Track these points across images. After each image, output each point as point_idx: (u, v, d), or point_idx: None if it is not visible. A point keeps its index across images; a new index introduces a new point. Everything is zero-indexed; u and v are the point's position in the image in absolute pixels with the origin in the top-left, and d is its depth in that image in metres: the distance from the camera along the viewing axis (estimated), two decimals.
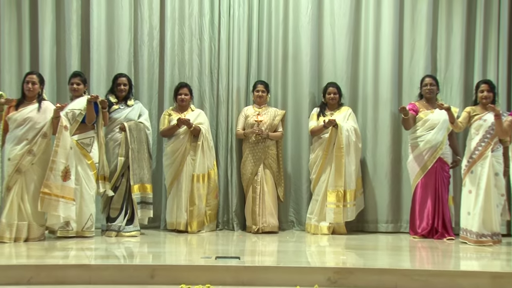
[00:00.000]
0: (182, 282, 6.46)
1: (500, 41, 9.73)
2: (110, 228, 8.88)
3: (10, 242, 8.06)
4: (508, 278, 6.73)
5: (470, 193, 8.57)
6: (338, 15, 9.92)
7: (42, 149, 8.25)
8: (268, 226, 9.32)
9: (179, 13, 9.87)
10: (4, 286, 6.49)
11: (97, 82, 9.62)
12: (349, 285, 6.56)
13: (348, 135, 9.23)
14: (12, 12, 9.72)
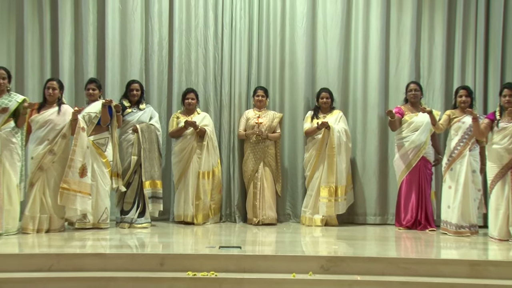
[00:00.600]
0: (189, 270, 6.50)
1: (477, 51, 9.75)
2: (123, 220, 8.91)
3: (33, 233, 8.12)
4: (484, 265, 6.77)
5: (450, 188, 8.63)
6: (330, 27, 9.94)
7: (61, 148, 8.29)
8: (267, 218, 9.34)
9: (186, 25, 9.88)
10: (28, 273, 6.52)
11: (111, 87, 9.65)
12: (340, 272, 6.59)
13: (339, 136, 9.25)
14: (35, 25, 9.71)
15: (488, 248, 7.79)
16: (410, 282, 6.46)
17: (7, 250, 7.17)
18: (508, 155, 8.14)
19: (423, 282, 6.46)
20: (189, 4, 9.88)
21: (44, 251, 7.17)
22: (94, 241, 7.82)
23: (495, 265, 6.84)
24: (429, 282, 6.46)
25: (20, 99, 8.19)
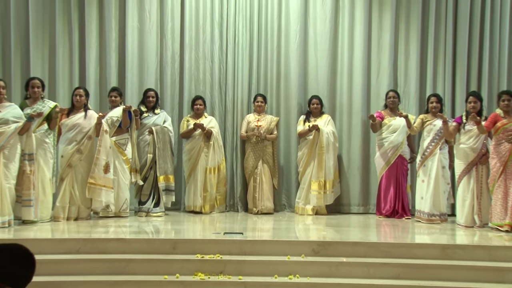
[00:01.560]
0: (197, 253, 6.52)
1: (446, 63, 9.78)
2: (141, 210, 8.92)
3: (63, 220, 8.16)
4: (453, 249, 6.81)
5: (423, 182, 8.68)
6: (320, 43, 9.92)
7: (87, 148, 8.32)
8: (266, 208, 9.35)
9: (195, 41, 9.87)
10: (59, 255, 6.56)
11: (130, 95, 9.64)
12: (328, 254, 6.63)
13: (328, 137, 9.25)
14: (65, 41, 9.70)
15: (456, 234, 7.81)
16: (389, 263, 6.49)
17: (41, 235, 7.22)
18: (473, 153, 8.19)
19: (400, 263, 6.49)
20: (198, 22, 9.88)
21: (73, 236, 7.21)
22: (116, 227, 7.86)
23: (462, 248, 6.89)
24: (405, 263, 6.49)
25: (52, 105, 8.20)
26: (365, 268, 6.42)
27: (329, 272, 6.38)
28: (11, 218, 7.70)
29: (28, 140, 7.89)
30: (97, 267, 6.38)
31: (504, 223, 7.83)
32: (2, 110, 7.67)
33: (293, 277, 6.25)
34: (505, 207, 7.88)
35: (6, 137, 7.62)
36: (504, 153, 7.92)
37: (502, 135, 7.95)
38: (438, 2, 9.82)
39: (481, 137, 8.17)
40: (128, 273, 6.32)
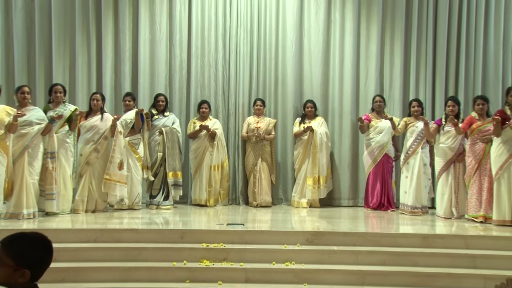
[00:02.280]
0: (203, 242, 6.53)
1: (427, 72, 9.77)
2: (152, 203, 8.94)
3: (82, 212, 8.20)
4: (433, 238, 6.84)
5: (407, 178, 8.70)
6: (313, 52, 9.92)
7: (104, 147, 8.35)
8: (264, 202, 9.34)
9: (201, 50, 9.86)
10: (78, 243, 6.57)
11: (142, 99, 9.64)
12: (321, 243, 6.63)
13: (321, 137, 9.26)
14: (84, 51, 9.73)
15: (435, 224, 7.83)
16: (376, 251, 6.50)
17: (63, 226, 7.26)
18: (451, 152, 8.23)
19: (386, 251, 6.50)
20: (203, 34, 9.87)
21: (91, 227, 7.22)
22: (129, 219, 7.87)
23: (441, 237, 6.93)
24: (390, 251, 6.50)
25: (72, 108, 8.22)
26: (354, 255, 6.44)
27: (321, 259, 6.39)
28: (35, 210, 7.71)
29: (50, 140, 7.90)
30: (113, 255, 6.40)
31: (479, 215, 7.87)
32: (26, 113, 7.65)
33: (289, 264, 6.26)
34: (479, 201, 7.91)
35: (30, 137, 7.64)
36: (479, 152, 7.94)
37: (477, 136, 7.97)
38: (419, 17, 9.83)
39: (458, 137, 8.21)
40: (141, 260, 6.34)
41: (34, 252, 2.50)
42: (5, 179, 7.42)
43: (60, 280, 5.98)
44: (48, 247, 2.56)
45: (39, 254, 2.51)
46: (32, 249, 2.51)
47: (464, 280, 6.14)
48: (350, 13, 9.90)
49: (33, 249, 2.51)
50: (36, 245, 2.53)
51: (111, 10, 9.84)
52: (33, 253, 2.50)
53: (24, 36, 9.75)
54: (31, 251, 2.50)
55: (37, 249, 2.51)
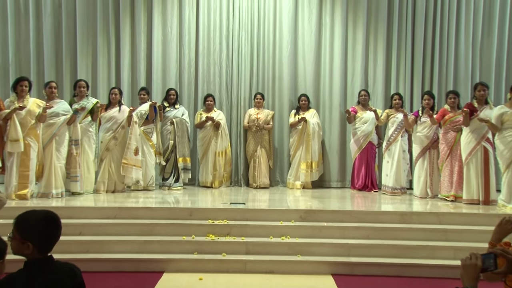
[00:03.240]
0: (209, 218, 6.57)
1: (406, 70, 9.76)
2: (164, 185, 8.95)
3: (103, 193, 8.25)
4: (410, 215, 6.87)
5: (388, 162, 8.74)
6: (306, 52, 9.88)
7: (121, 136, 8.36)
8: (263, 183, 9.35)
9: (207, 50, 9.82)
10: (100, 220, 6.60)
11: (155, 93, 9.62)
12: (313, 220, 6.68)
13: (314, 127, 9.25)
14: (104, 51, 9.72)
15: (412, 203, 7.84)
16: (361, 227, 6.54)
17: (86, 204, 7.29)
18: (427, 140, 8.26)
19: (369, 227, 6.55)
20: (209, 35, 9.83)
21: (110, 205, 7.23)
22: (144, 198, 7.90)
23: (417, 214, 6.95)
24: (373, 227, 6.55)
25: (94, 101, 8.23)
26: (342, 230, 6.49)
27: (313, 234, 6.44)
28: (63, 190, 7.76)
29: (75, 129, 7.94)
30: (130, 230, 6.44)
31: (450, 195, 7.95)
32: (54, 105, 7.69)
33: (284, 238, 6.29)
34: (451, 182, 7.98)
35: (57, 127, 7.68)
36: (450, 139, 7.98)
37: (449, 126, 8.00)
38: (399, 22, 9.80)
39: (433, 127, 8.23)
40: (154, 234, 6.38)
41: (35, 228, 2.51)
42: (36, 163, 7.51)
43: (85, 251, 6.05)
44: (50, 224, 2.56)
45: (40, 229, 2.52)
46: (34, 225, 2.52)
47: (437, 251, 6.19)
48: (338, 18, 9.85)
49: (35, 226, 2.51)
50: (37, 222, 2.53)
51: (128, 15, 9.80)
52: (34, 228, 2.51)
53: (52, 38, 9.75)
54: (32, 227, 2.52)
55: (38, 225, 2.52)
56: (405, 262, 6.02)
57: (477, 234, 6.29)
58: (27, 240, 2.52)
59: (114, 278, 5.63)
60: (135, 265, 5.90)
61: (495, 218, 6.58)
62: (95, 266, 5.79)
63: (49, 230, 2.56)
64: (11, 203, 7.09)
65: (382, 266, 5.95)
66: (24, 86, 7.49)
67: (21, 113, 7.27)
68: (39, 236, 2.53)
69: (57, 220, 2.62)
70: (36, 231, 2.53)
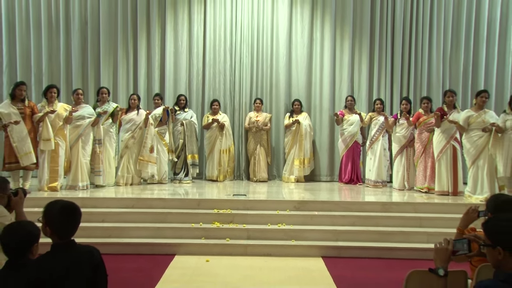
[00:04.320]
0: (215, 208, 6.60)
1: (387, 78, 9.76)
2: (175, 179, 8.96)
3: (123, 185, 8.25)
4: (390, 205, 6.91)
5: (371, 159, 8.74)
6: (300, 62, 9.86)
7: (139, 135, 8.37)
8: (262, 178, 9.34)
9: (213, 61, 9.80)
10: (120, 209, 6.62)
11: (168, 98, 9.59)
12: (305, 209, 6.72)
13: (306, 128, 9.22)
14: (124, 62, 9.72)
15: (392, 194, 7.87)
16: (347, 215, 6.56)
17: (108, 195, 7.31)
18: (404, 139, 8.27)
19: (354, 215, 6.57)
20: (215, 48, 9.81)
21: (129, 196, 7.28)
22: (158, 190, 7.89)
23: (396, 204, 6.98)
24: (358, 215, 6.57)
25: (114, 106, 8.26)
26: (331, 218, 6.52)
27: (305, 221, 6.47)
28: (88, 183, 7.81)
29: (98, 130, 7.96)
30: (146, 218, 6.48)
31: (424, 187, 7.99)
32: (80, 109, 7.73)
33: (281, 225, 6.32)
34: (425, 176, 8.00)
35: (83, 128, 7.72)
36: (424, 139, 8.01)
37: (423, 127, 8.03)
38: (381, 36, 9.79)
39: (410, 128, 8.24)
40: (167, 222, 6.42)
41: (53, 215, 2.56)
42: (64, 159, 7.55)
43: (108, 236, 6.09)
44: (66, 213, 2.59)
45: (56, 217, 2.56)
46: (53, 213, 2.57)
47: (413, 236, 6.22)
48: (327, 33, 9.83)
49: (53, 213, 2.57)
50: (55, 211, 2.57)
51: (145, 31, 9.79)
52: (52, 216, 2.56)
53: (79, 51, 9.77)
54: (51, 215, 2.57)
55: (56, 213, 2.56)
56: (385, 245, 6.05)
57: (447, 221, 6.33)
58: (47, 225, 2.57)
59: (132, 259, 5.67)
60: (151, 249, 5.93)
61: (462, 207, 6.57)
62: (116, 249, 5.83)
63: (64, 218, 2.59)
64: (44, 194, 7.20)
65: (365, 249, 5.98)
66: (53, 92, 7.54)
67: (51, 116, 7.32)
68: (56, 223, 2.58)
69: (73, 210, 2.65)
70: (53, 218, 2.57)
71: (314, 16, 9.91)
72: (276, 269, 5.40)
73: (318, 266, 5.56)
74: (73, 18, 9.72)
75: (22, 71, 9.73)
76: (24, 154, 7.18)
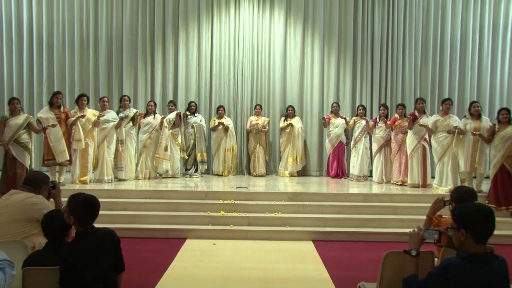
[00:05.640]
0: (220, 199, 6.63)
1: (367, 87, 9.73)
2: (186, 174, 8.93)
3: (141, 179, 8.25)
4: (370, 196, 6.94)
5: (354, 157, 8.76)
6: (293, 74, 9.85)
7: (155, 136, 8.36)
8: (261, 173, 9.33)
9: (219, 73, 9.81)
10: (139, 199, 6.66)
11: (180, 104, 9.56)
12: (298, 200, 6.74)
13: (298, 130, 9.22)
14: (143, 73, 9.73)
15: (372, 187, 7.89)
16: (334, 205, 6.58)
17: (129, 188, 7.33)
18: (382, 140, 8.30)
19: (340, 205, 6.60)
20: (221, 62, 9.81)
21: (146, 188, 7.30)
22: (172, 184, 7.91)
23: (375, 195, 7.02)
24: (343, 205, 6.60)
25: (134, 111, 8.29)
26: (320, 208, 6.55)
27: (298, 210, 6.50)
28: (112, 177, 7.86)
29: (120, 132, 8.01)
30: (161, 207, 6.52)
31: (399, 180, 8.03)
32: (105, 114, 7.77)
33: (277, 213, 6.35)
34: (399, 171, 8.03)
35: (108, 130, 7.77)
36: (399, 140, 8.05)
37: (398, 130, 8.07)
38: (362, 51, 9.79)
39: (387, 130, 8.27)
40: (179, 211, 6.46)
41: (75, 206, 2.59)
42: (92, 157, 7.61)
43: (129, 222, 6.13)
44: (86, 205, 2.62)
45: (78, 208, 2.59)
46: (75, 203, 2.60)
47: (389, 222, 6.26)
48: (317, 48, 9.84)
49: (75, 204, 2.60)
50: (77, 202, 2.61)
51: (161, 47, 9.80)
52: (74, 206, 2.60)
53: (105, 65, 9.80)
54: (73, 204, 2.60)
55: (78, 205, 2.59)
56: (366, 230, 6.09)
57: (418, 209, 6.39)
58: (70, 214, 2.60)
59: (150, 242, 5.69)
60: (165, 233, 5.96)
61: (430, 197, 6.66)
62: (136, 234, 5.87)
63: (85, 210, 2.62)
64: (75, 186, 7.27)
65: (349, 234, 6.01)
66: (84, 100, 7.59)
67: (82, 120, 7.38)
68: (79, 213, 2.61)
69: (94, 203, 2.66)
70: (76, 209, 2.60)
71: (305, 34, 9.91)
72: (273, 251, 5.43)
73: (309, 248, 5.59)
74: (101, 37, 9.76)
75: (58, 82, 9.77)
76: (60, 153, 7.22)
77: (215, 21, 9.87)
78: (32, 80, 9.83)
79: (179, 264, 4.89)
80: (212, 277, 4.49)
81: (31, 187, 3.40)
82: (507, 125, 6.51)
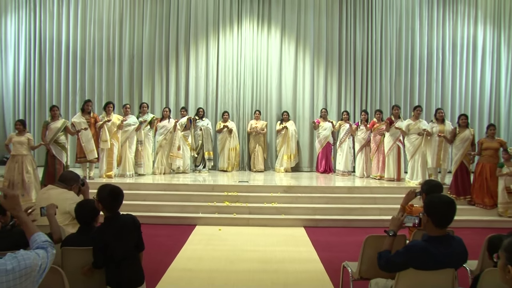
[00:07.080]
0: (225, 191, 6.66)
1: (351, 95, 9.71)
2: (196, 169, 8.89)
3: (158, 174, 8.23)
4: (353, 188, 6.97)
5: (340, 155, 8.72)
6: (288, 84, 9.79)
7: (170, 138, 8.35)
8: (260, 169, 9.26)
9: (224, 83, 9.76)
10: (156, 191, 6.68)
11: (190, 110, 9.44)
12: (292, 192, 6.75)
13: (292, 132, 9.20)
14: (159, 84, 9.70)
15: (355, 181, 7.89)
16: (322, 196, 6.62)
17: (147, 181, 7.35)
18: (364, 140, 8.29)
19: (328, 196, 6.62)
20: (225, 73, 9.76)
21: (162, 182, 7.31)
22: (183, 178, 7.90)
23: (357, 188, 7.05)
24: (330, 196, 6.64)
25: (152, 116, 8.29)
26: (311, 199, 6.59)
27: (292, 201, 6.53)
28: (133, 173, 7.86)
29: (140, 134, 8.00)
30: (174, 198, 6.53)
31: (377, 175, 8.04)
32: (127, 118, 7.80)
33: (274, 204, 6.37)
34: (378, 167, 8.06)
35: (129, 132, 7.78)
36: (378, 140, 8.07)
37: (377, 132, 8.10)
38: (346, 64, 9.76)
39: (368, 132, 8.26)
40: (190, 201, 6.47)
41: (103, 195, 2.62)
42: (117, 155, 7.64)
43: (148, 211, 6.15)
44: (112, 194, 2.64)
45: (106, 196, 2.62)
46: (103, 192, 2.63)
47: (369, 211, 6.29)
48: (308, 62, 9.80)
49: (104, 194, 2.62)
50: (105, 192, 2.63)
51: (174, 61, 9.76)
52: (102, 195, 2.62)
53: (128, 76, 9.78)
54: (101, 194, 2.63)
55: (105, 193, 2.62)
56: (349, 218, 6.12)
57: (393, 199, 6.40)
58: (99, 202, 2.62)
59: (165, 228, 5.72)
60: (178, 220, 5.99)
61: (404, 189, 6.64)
62: (153, 221, 5.90)
63: (111, 198, 2.64)
64: (102, 180, 7.31)
65: (335, 221, 6.04)
66: (110, 107, 7.66)
67: (109, 124, 7.44)
68: (106, 201, 2.64)
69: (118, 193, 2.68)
70: (104, 197, 2.63)
71: (298, 50, 9.89)
72: (270, 235, 5.46)
73: (301, 233, 5.63)
74: (124, 53, 9.76)
75: (89, 92, 9.79)
76: (90, 151, 7.30)
77: (221, 39, 9.85)
78: (68, 90, 9.87)
79: (189, 247, 4.92)
80: (218, 257, 4.53)
81: (65, 184, 3.48)
82: (465, 129, 6.73)
